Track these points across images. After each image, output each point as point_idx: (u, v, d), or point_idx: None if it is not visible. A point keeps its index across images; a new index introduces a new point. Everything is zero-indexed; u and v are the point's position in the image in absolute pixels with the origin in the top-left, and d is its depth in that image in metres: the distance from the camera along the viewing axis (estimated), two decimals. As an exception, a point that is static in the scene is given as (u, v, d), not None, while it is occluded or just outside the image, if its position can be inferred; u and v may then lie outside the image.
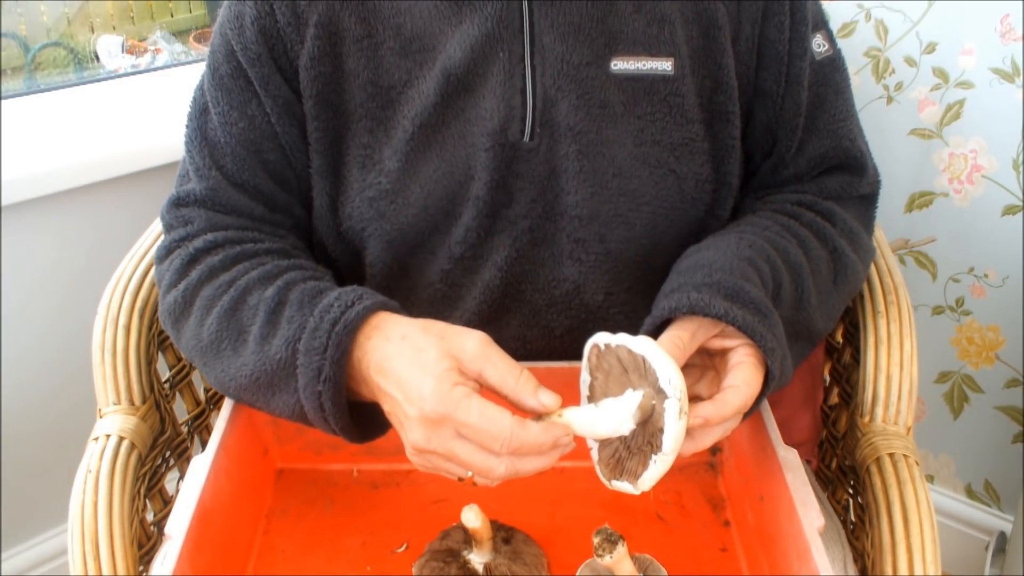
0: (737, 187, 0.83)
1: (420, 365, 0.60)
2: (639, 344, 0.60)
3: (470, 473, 0.61)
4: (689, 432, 0.61)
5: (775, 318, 0.67)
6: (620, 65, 0.77)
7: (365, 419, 0.69)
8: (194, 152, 0.81)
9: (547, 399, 0.60)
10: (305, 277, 0.73)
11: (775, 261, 0.73)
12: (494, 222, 0.79)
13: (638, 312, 0.82)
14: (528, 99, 0.76)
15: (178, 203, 0.81)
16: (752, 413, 0.68)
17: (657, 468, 0.60)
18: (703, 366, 0.69)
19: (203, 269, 0.75)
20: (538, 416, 0.60)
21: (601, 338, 0.63)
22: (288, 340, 0.66)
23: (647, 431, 0.61)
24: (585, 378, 0.65)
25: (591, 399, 0.65)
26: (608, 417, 0.60)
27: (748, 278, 0.68)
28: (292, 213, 0.83)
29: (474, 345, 0.61)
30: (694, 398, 0.65)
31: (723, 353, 0.67)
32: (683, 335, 0.64)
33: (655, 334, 0.65)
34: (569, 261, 0.80)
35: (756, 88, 0.81)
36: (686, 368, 0.63)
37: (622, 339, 0.61)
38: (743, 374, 0.64)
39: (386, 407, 0.64)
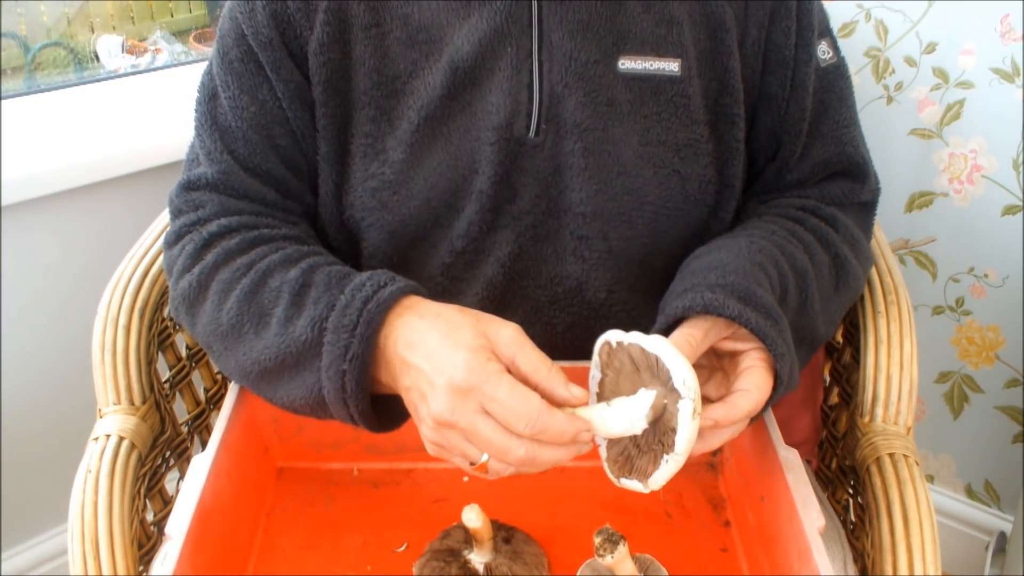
0: (740, 189, 0.83)
1: (454, 339, 0.60)
2: (653, 343, 0.60)
3: (484, 457, 0.60)
4: (699, 433, 0.61)
5: (784, 324, 0.67)
6: (627, 64, 0.77)
7: (380, 409, 0.68)
8: (204, 136, 0.80)
9: (577, 391, 0.61)
10: (329, 261, 0.72)
11: (783, 267, 0.73)
12: (497, 217, 0.79)
13: (640, 310, 0.82)
14: (535, 95, 0.76)
15: (189, 187, 0.80)
16: (759, 418, 0.68)
17: (669, 468, 0.60)
18: (711, 367, 0.69)
19: (219, 252, 0.74)
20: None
21: (613, 335, 0.63)
22: (314, 320, 0.65)
23: (658, 430, 0.61)
24: (595, 374, 0.65)
25: (600, 396, 0.65)
26: (621, 416, 0.60)
27: (760, 283, 0.68)
28: (303, 200, 0.83)
29: (510, 332, 0.61)
30: (702, 399, 0.65)
31: (733, 356, 0.67)
32: (696, 334, 0.64)
33: (665, 333, 0.65)
34: (572, 258, 0.80)
35: (761, 92, 0.81)
36: (695, 368, 0.63)
37: (635, 337, 0.61)
38: (754, 378, 0.64)
39: (407, 382, 0.63)
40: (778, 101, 0.81)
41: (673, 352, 0.59)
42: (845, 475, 0.90)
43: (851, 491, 0.87)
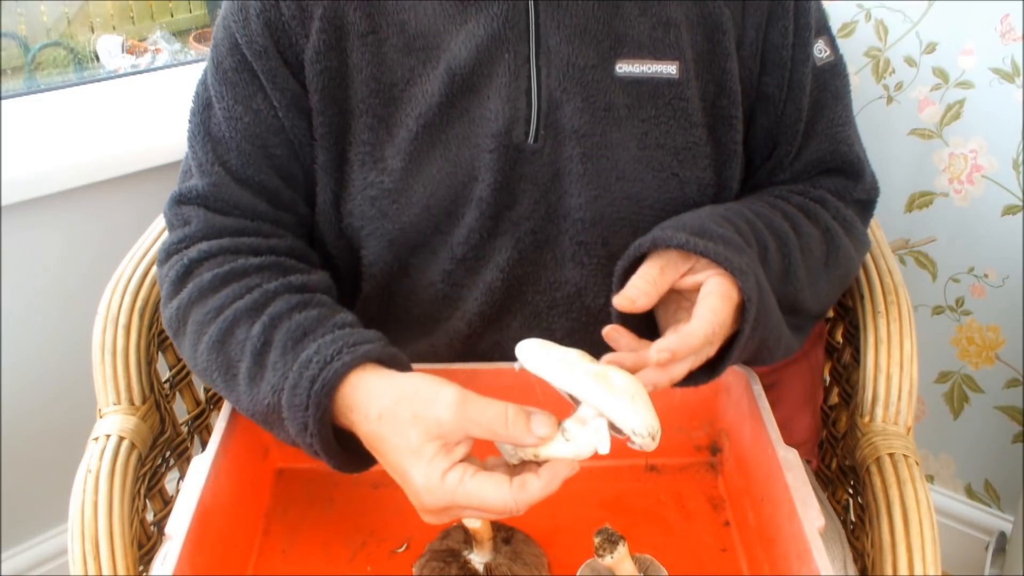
0: (737, 191, 0.83)
1: (407, 452, 0.60)
2: (565, 385, 0.59)
3: None
4: (659, 365, 0.62)
5: (750, 254, 0.68)
6: (625, 68, 0.77)
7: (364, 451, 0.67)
8: (197, 148, 0.80)
9: (541, 430, 0.58)
10: (291, 307, 0.71)
11: (756, 224, 0.74)
12: (497, 223, 0.79)
13: (639, 316, 0.82)
14: (533, 101, 0.76)
15: (179, 200, 0.80)
16: (741, 342, 0.67)
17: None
18: (678, 305, 0.70)
19: (193, 289, 0.74)
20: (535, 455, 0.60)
21: (522, 358, 0.60)
22: (274, 388, 0.66)
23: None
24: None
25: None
26: (586, 446, 0.60)
27: (720, 225, 0.69)
28: (296, 211, 0.83)
29: (448, 415, 0.59)
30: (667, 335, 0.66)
31: (697, 290, 0.67)
32: (652, 270, 0.66)
33: (621, 285, 0.66)
34: (571, 264, 0.80)
35: (759, 93, 0.81)
36: (665, 304, 0.63)
37: (545, 374, 0.59)
38: (708, 303, 0.65)
39: (386, 468, 0.64)
40: (775, 102, 0.81)
41: (589, 394, 0.58)
42: (845, 475, 0.90)
43: (851, 491, 0.88)
